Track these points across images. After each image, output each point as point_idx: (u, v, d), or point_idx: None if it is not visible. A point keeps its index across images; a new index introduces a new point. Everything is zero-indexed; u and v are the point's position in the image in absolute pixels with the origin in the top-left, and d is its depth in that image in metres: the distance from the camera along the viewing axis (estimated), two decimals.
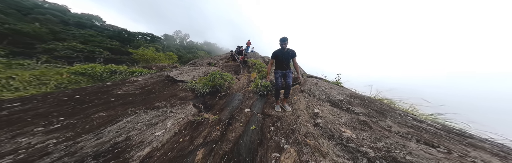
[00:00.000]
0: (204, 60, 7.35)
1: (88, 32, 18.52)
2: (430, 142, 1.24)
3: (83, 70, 3.69)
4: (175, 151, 1.46)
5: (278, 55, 2.35)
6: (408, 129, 1.49)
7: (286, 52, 2.32)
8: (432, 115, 2.08)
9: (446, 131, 1.50)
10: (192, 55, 26.02)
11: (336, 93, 2.94)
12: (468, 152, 1.12)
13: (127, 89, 2.86)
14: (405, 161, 1.01)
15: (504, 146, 1.28)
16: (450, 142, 1.27)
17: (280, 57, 2.35)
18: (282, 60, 2.36)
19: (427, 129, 1.51)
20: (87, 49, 11.90)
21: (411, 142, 1.25)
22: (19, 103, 1.90)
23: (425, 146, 1.20)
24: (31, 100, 2.01)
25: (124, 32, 29.34)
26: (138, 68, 4.57)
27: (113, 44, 17.53)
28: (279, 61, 2.40)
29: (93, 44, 14.74)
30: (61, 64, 6.44)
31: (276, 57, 2.39)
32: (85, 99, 2.22)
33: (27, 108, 1.80)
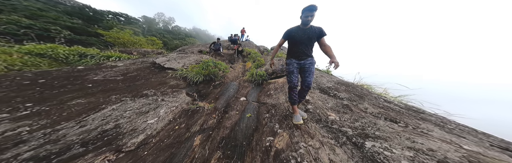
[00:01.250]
0: (194, 47, 6.73)
1: (33, 5, 14.40)
2: (394, 119, 1.51)
3: (40, 50, 3.00)
4: (171, 137, 1.46)
5: (294, 34, 1.45)
6: (379, 109, 1.75)
7: (308, 30, 1.40)
8: (399, 96, 2.51)
9: (407, 109, 1.80)
10: (179, 41, 23.36)
11: (326, 80, 3.01)
12: (420, 124, 1.40)
13: (106, 75, 2.52)
14: (375, 136, 1.23)
15: (444, 118, 1.64)
16: (408, 117, 1.55)
17: (296, 38, 1.44)
18: (299, 42, 1.44)
19: (393, 108, 1.80)
20: (38, 26, 9.45)
21: (380, 120, 1.50)
22: None
23: (390, 123, 1.45)
24: None
25: (87, 9, 23.74)
26: (114, 53, 3.95)
27: (75, 23, 14.28)
28: (295, 45, 1.49)
29: (45, 20, 11.72)
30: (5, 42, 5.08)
31: (291, 37, 1.48)
32: (54, 84, 1.90)
33: None
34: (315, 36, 1.44)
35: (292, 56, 1.54)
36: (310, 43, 1.47)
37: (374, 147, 1.07)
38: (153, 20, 43.42)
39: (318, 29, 1.44)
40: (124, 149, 1.20)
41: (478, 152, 0.99)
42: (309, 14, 1.33)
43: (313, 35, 1.43)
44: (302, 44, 1.47)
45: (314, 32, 1.43)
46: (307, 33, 1.43)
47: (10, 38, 5.64)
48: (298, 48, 1.49)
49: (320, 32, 1.44)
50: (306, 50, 1.48)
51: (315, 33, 1.43)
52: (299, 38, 1.45)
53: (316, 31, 1.43)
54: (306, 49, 1.48)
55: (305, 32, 1.43)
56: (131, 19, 32.81)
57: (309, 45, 1.48)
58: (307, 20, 1.35)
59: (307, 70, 1.49)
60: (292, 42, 1.53)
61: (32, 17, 11.38)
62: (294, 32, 1.47)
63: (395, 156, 0.96)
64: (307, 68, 1.49)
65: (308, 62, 1.50)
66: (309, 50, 1.51)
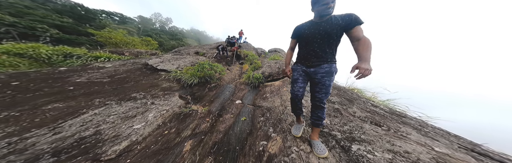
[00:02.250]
0: (191, 48, 6.60)
1: (20, 2, 13.75)
2: (378, 123, 1.56)
3: (20, 50, 2.78)
4: (159, 143, 1.35)
5: (303, 32, 1.05)
6: (366, 113, 1.78)
7: (325, 23, 0.96)
8: (386, 100, 2.60)
9: (390, 113, 1.88)
10: (176, 42, 23.04)
11: None
12: (400, 128, 1.47)
13: (91, 76, 2.36)
14: (360, 139, 1.25)
15: (422, 122, 1.74)
16: (391, 121, 1.61)
17: (307, 36, 1.03)
18: (310, 41, 1.02)
19: (379, 113, 1.85)
20: (23, 24, 8.94)
21: (366, 124, 1.53)
22: None
23: (375, 126, 1.49)
24: None
25: (79, 7, 23.04)
26: (103, 53, 3.76)
27: (64, 21, 13.72)
28: (304, 45, 1.08)
29: (32, 18, 11.16)
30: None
31: (300, 36, 1.09)
32: (29, 87, 1.73)
33: None
34: (339, 28, 0.90)
35: (299, 60, 1.12)
36: (328, 41, 0.95)
37: (359, 150, 1.11)
38: (149, 20, 42.84)
39: (346, 17, 0.89)
40: (103, 158, 1.08)
41: (446, 154, 1.06)
42: (323, 3, 0.88)
43: (334, 28, 0.90)
44: (313, 44, 0.98)
45: (336, 24, 0.90)
46: (324, 27, 0.93)
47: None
48: (308, 49, 1.02)
49: (349, 21, 0.88)
50: (321, 52, 0.98)
51: (337, 25, 0.90)
52: (311, 35, 0.98)
53: (342, 20, 0.89)
54: (321, 50, 0.97)
55: (320, 26, 0.95)
56: (126, 19, 32.17)
57: (326, 45, 0.96)
58: (326, 8, 0.88)
59: (319, 83, 1.00)
60: (301, 42, 1.08)
61: (17, 15, 10.79)
62: (305, 29, 1.02)
63: (376, 159, 1.01)
64: (319, 79, 0.99)
65: (321, 70, 0.99)
66: (326, 53, 0.98)
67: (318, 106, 1.06)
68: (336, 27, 0.91)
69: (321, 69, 1.01)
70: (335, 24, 0.91)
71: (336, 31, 0.91)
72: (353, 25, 0.87)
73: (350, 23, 0.88)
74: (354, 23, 0.87)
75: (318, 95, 1.02)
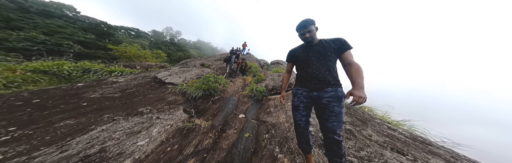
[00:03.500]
0: (197, 60, 7.01)
1: (54, 22, 16.01)
2: (401, 150, 1.41)
3: (46, 67, 3.10)
4: (161, 162, 1.31)
5: (298, 55, 1.06)
6: (385, 138, 1.65)
7: (318, 46, 0.99)
8: (401, 121, 2.38)
9: (412, 139, 1.72)
10: (183, 53, 24.65)
11: None
12: (429, 159, 1.31)
13: (104, 92, 2.50)
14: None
15: (453, 152, 1.56)
16: (416, 150, 1.46)
17: (302, 59, 1.03)
18: (307, 63, 1.01)
19: (398, 138, 1.70)
20: (52, 41, 10.17)
21: (387, 151, 1.39)
22: None
23: (398, 154, 1.35)
24: None
25: (103, 25, 26.33)
26: (118, 67, 4.08)
27: (88, 37, 15.48)
28: (302, 67, 1.06)
29: (61, 36, 12.73)
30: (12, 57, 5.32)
31: (295, 59, 1.10)
32: (47, 104, 1.85)
33: None
34: (333, 51, 0.93)
35: (299, 82, 1.04)
36: (325, 63, 0.93)
37: None
38: (161, 33, 47.34)
39: (337, 41, 0.94)
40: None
41: None
42: (304, 31, 0.93)
43: (328, 51, 0.92)
44: (311, 66, 0.96)
45: (329, 47, 0.93)
46: (317, 50, 0.95)
47: (19, 55, 5.94)
48: (307, 71, 0.98)
49: (340, 45, 0.92)
50: (320, 74, 0.92)
51: (330, 48, 0.93)
52: (306, 58, 0.98)
53: (334, 44, 0.93)
54: (320, 72, 0.93)
55: (313, 49, 0.97)
56: (141, 33, 35.89)
57: (325, 67, 0.93)
58: (305, 38, 0.95)
59: (325, 108, 0.87)
60: (298, 65, 1.07)
61: (49, 34, 12.40)
62: (299, 52, 1.04)
63: None
64: (325, 104, 0.88)
65: (326, 95, 0.89)
66: (326, 75, 0.92)
67: (332, 139, 0.83)
68: (330, 50, 0.94)
69: (325, 93, 0.90)
70: (328, 47, 0.95)
71: (331, 53, 0.94)
72: (345, 49, 0.93)
73: (341, 47, 0.93)
74: (346, 47, 0.93)
75: (328, 124, 0.84)
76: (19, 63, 4.08)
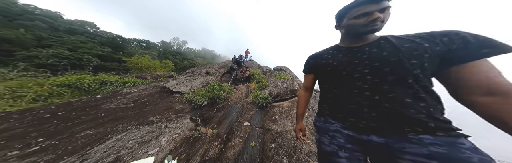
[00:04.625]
0: (202, 69, 7.35)
1: (78, 39, 18.00)
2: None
3: (70, 81, 3.47)
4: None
5: (328, 62, 0.58)
6: None
7: (375, 48, 0.47)
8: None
9: None
10: (188, 61, 25.98)
11: None
12: None
13: (119, 102, 2.71)
14: None
15: None
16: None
17: (335, 69, 0.54)
18: (348, 78, 0.51)
19: None
20: (75, 56, 11.35)
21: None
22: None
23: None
24: (6, 119, 1.81)
25: (118, 38, 29.07)
26: (131, 79, 4.41)
27: (105, 51, 17.04)
28: (334, 84, 0.56)
29: (82, 51, 14.18)
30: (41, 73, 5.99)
31: (320, 69, 0.62)
32: (70, 116, 2.05)
33: (1, 129, 1.61)
34: (427, 57, 0.41)
35: (331, 112, 0.59)
36: (402, 79, 0.43)
37: None
38: (168, 43, 50.82)
39: (445, 37, 0.40)
40: None
41: None
42: (373, 9, 0.46)
43: (409, 55, 0.42)
44: (359, 82, 0.50)
45: (411, 49, 0.43)
46: (378, 53, 0.48)
47: (47, 70, 6.68)
48: (345, 94, 0.54)
49: (458, 45, 0.38)
50: (388, 102, 0.44)
51: (418, 50, 0.42)
52: (348, 67, 0.53)
53: (429, 43, 0.42)
54: (386, 96, 0.44)
55: (363, 53, 0.52)
56: (151, 44, 38.92)
57: (404, 87, 0.43)
58: (371, 21, 0.47)
59: None
60: (327, 81, 0.61)
61: (73, 49, 13.91)
62: (329, 58, 0.60)
63: None
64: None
65: (417, 150, 0.38)
66: (411, 104, 0.41)
67: None
68: (418, 55, 0.41)
69: (415, 147, 0.39)
70: (409, 48, 0.43)
71: (420, 61, 0.41)
72: (468, 58, 0.38)
73: (471, 50, 0.37)
74: (479, 52, 0.37)
75: None
76: (47, 78, 4.58)
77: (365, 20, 0.47)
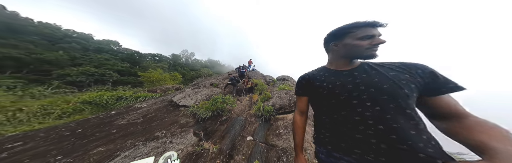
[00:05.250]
0: (207, 80, 7.69)
1: (103, 56, 20.60)
2: None
3: (91, 98, 3.87)
4: None
5: (323, 84, 0.56)
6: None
7: (364, 74, 0.51)
8: (457, 153, 1.84)
9: None
10: (195, 72, 27.51)
11: None
12: None
13: (130, 118, 2.89)
14: None
15: None
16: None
17: (332, 92, 0.53)
18: (346, 100, 0.50)
19: None
20: (99, 73, 12.83)
21: None
22: (21, 142, 1.91)
23: None
24: (33, 138, 2.03)
25: (136, 54, 32.62)
26: (143, 93, 4.77)
27: (123, 66, 19.03)
28: (331, 108, 0.53)
29: (106, 67, 16.02)
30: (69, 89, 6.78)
31: (314, 90, 0.60)
32: (86, 133, 2.22)
33: (28, 148, 1.80)
34: (413, 87, 0.45)
35: (333, 142, 0.53)
36: (400, 104, 0.44)
37: None
38: (178, 56, 55.33)
39: (419, 70, 0.47)
40: None
41: None
42: (374, 33, 0.49)
43: (399, 83, 0.46)
44: (357, 109, 0.48)
45: (396, 79, 0.47)
46: (368, 79, 0.51)
47: (74, 87, 7.56)
48: (346, 120, 0.50)
49: (431, 78, 0.46)
50: (395, 130, 0.42)
51: (404, 83, 0.45)
52: (342, 91, 0.52)
53: (409, 73, 0.47)
54: (388, 123, 0.43)
55: (354, 78, 0.53)
56: (163, 58, 42.79)
57: (403, 113, 0.43)
58: (372, 46, 0.49)
59: None
60: (321, 103, 0.59)
61: (98, 66, 15.82)
62: (323, 80, 0.59)
63: None
64: None
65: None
66: (413, 132, 0.41)
67: None
68: (407, 83, 0.44)
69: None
70: (395, 76, 0.46)
71: (408, 89, 0.43)
72: (443, 90, 0.43)
73: (434, 83, 0.44)
74: (447, 84, 0.43)
75: None
76: (74, 94, 5.13)
77: (369, 43, 0.49)
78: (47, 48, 17.52)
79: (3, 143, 1.87)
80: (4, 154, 1.67)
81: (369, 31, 0.49)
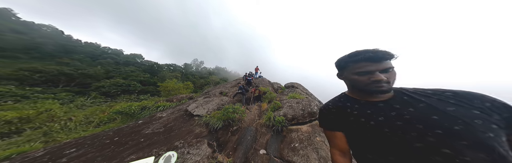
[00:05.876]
0: (216, 88, 8.15)
1: (130, 69, 23.67)
2: None
3: (122, 109, 4.52)
4: None
5: (367, 123, 0.46)
6: None
7: (409, 107, 0.42)
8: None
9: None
10: (204, 80, 29.20)
11: None
12: None
13: (154, 127, 3.27)
14: None
15: None
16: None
17: (380, 130, 0.43)
18: (416, 154, 0.37)
19: None
20: (126, 84, 14.68)
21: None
22: (75, 149, 2.36)
23: None
24: (83, 145, 2.47)
25: (155, 65, 36.56)
26: (162, 103, 5.34)
27: (145, 76, 21.40)
28: (393, 154, 0.41)
29: (131, 78, 18.29)
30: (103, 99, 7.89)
31: (354, 130, 0.50)
32: (121, 141, 2.61)
33: (80, 154, 2.21)
34: (491, 127, 0.35)
35: None
36: (480, 149, 0.33)
37: None
38: (189, 65, 60.17)
39: (487, 101, 0.39)
40: None
41: None
42: (379, 67, 0.45)
43: (469, 123, 0.36)
44: (420, 153, 0.38)
45: (468, 118, 0.36)
46: (415, 116, 0.42)
47: (109, 98, 8.77)
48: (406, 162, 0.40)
49: (507, 111, 0.37)
50: None
51: (480, 119, 0.36)
52: (394, 130, 0.42)
53: (478, 108, 0.38)
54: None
55: (394, 112, 0.45)
56: (177, 67, 47.10)
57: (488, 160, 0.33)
58: (375, 82, 0.44)
59: None
60: (367, 142, 0.48)
61: (125, 78, 18.17)
62: (358, 115, 0.51)
63: None
64: None
65: None
66: None
67: None
68: (482, 122, 0.36)
69: None
70: (461, 111, 0.38)
71: (492, 131, 0.36)
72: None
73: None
74: None
75: None
76: (107, 103, 5.95)
77: (368, 79, 0.44)
78: (89, 64, 21.13)
79: (62, 149, 2.33)
80: (64, 159, 2.08)
81: (366, 67, 0.43)
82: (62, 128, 3.62)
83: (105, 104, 6.11)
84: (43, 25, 40.27)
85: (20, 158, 2.19)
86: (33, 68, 13.49)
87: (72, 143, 2.53)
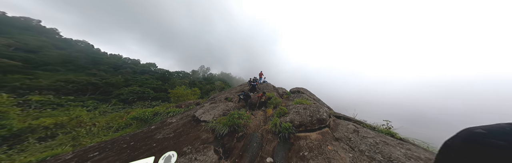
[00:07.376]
0: (222, 94, 8.38)
1: (145, 77, 25.70)
2: None
3: (138, 115, 4.91)
4: None
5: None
6: None
7: None
8: None
9: None
10: (210, 86, 30.20)
11: (401, 154, 1.90)
12: None
13: (165, 132, 3.48)
14: None
15: None
16: None
17: None
18: None
19: None
20: (141, 91, 15.93)
21: None
22: (97, 152, 2.62)
23: None
24: (104, 149, 2.73)
25: (166, 73, 39.22)
26: (172, 108, 5.67)
27: (157, 84, 22.97)
28: None
29: (146, 86, 19.80)
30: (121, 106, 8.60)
31: None
32: (136, 146, 2.83)
33: (102, 157, 2.45)
34: None
35: None
36: None
37: None
38: (197, 71, 63.23)
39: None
40: None
41: None
42: None
43: None
44: None
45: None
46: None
47: (127, 105, 9.58)
48: None
49: None
50: None
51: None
52: None
53: None
54: None
55: None
56: (185, 74, 49.90)
57: None
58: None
59: None
60: None
61: (141, 85, 19.77)
62: None
63: None
64: None
65: None
66: None
67: None
68: None
69: None
70: None
71: None
72: None
73: None
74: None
75: None
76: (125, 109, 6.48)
77: None
78: (112, 73, 23.63)
79: (88, 152, 2.60)
80: (88, 162, 2.33)
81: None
82: (87, 133, 4.04)
83: (123, 110, 6.67)
84: (79, 41, 47.27)
85: (53, 160, 2.50)
86: (68, 79, 15.62)
87: (95, 147, 2.82)
